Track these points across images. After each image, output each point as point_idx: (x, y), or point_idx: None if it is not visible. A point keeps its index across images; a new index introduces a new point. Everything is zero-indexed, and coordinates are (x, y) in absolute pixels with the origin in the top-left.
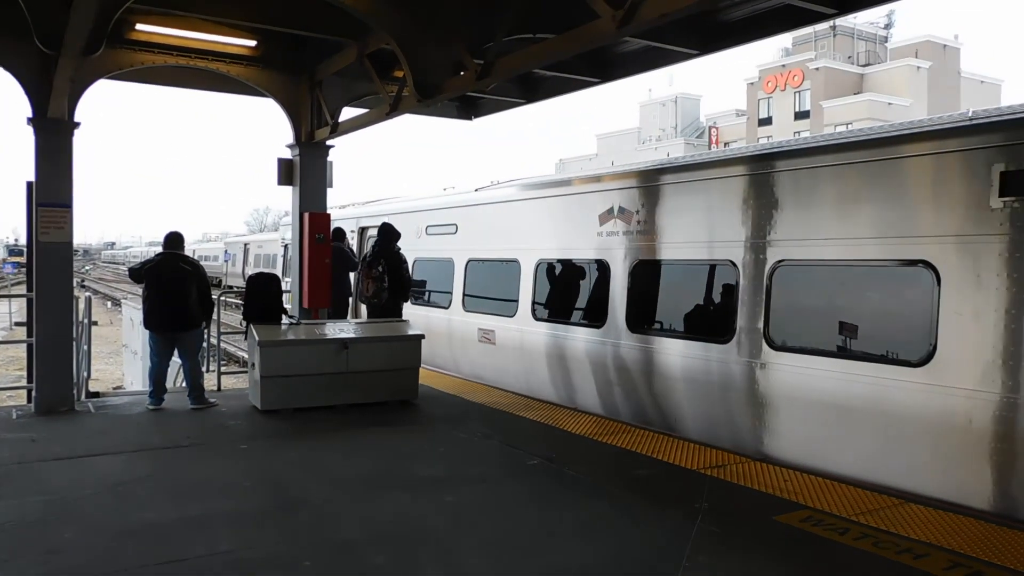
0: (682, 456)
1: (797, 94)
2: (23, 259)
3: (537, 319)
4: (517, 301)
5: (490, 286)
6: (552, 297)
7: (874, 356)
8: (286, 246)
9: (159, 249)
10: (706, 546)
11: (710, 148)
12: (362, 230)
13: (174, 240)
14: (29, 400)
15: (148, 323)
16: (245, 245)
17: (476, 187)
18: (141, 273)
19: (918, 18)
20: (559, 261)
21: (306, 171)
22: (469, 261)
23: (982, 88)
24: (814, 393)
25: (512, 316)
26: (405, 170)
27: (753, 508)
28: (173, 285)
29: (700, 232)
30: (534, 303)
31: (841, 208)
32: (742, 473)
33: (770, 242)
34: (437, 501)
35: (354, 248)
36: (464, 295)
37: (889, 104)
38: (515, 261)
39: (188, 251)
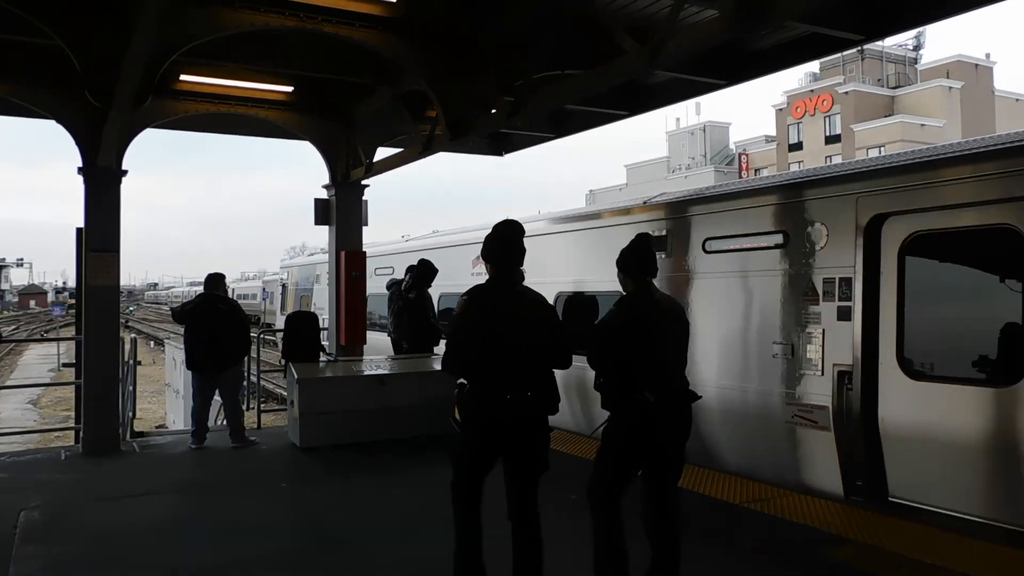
0: (722, 490)
1: (827, 118)
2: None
3: None
4: None
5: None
6: None
7: None
8: (284, 285)
9: (200, 289)
10: None
11: (740, 175)
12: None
13: (214, 281)
14: (77, 440)
15: (190, 363)
16: (283, 283)
17: (406, 238)
18: (183, 314)
19: (948, 38)
20: (455, 295)
21: (342, 211)
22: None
23: (1018, 106)
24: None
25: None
26: (440, 204)
27: (801, 543)
28: (213, 326)
29: (534, 274)
30: None
31: (599, 257)
32: (785, 507)
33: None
34: (487, 535)
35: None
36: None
37: (922, 126)
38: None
39: (228, 289)
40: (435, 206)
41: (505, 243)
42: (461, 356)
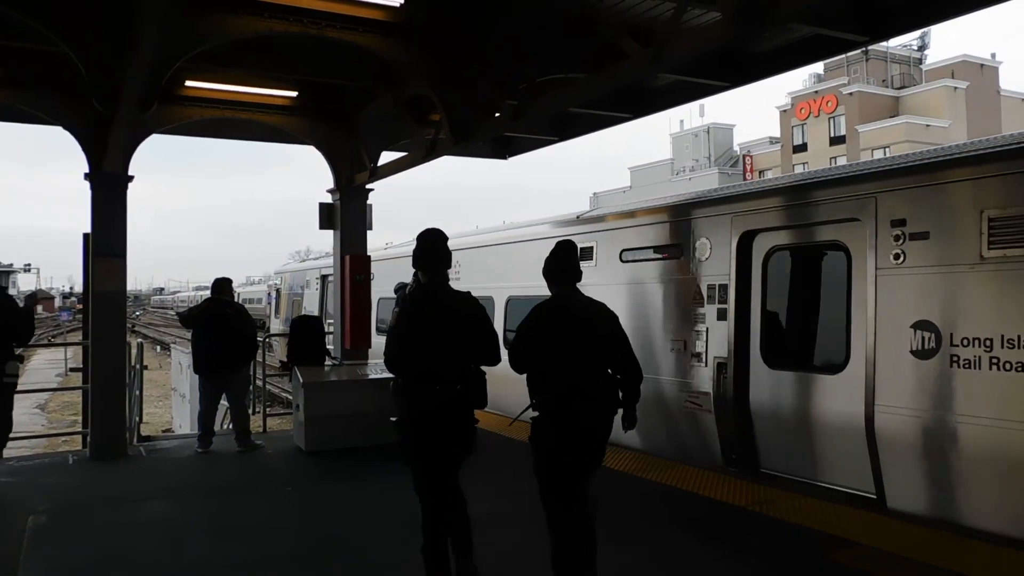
0: (727, 492)
1: (831, 120)
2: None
3: None
4: None
5: (388, 317)
6: None
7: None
8: (278, 290)
9: (206, 293)
10: None
11: (744, 177)
12: (323, 278)
13: (222, 286)
14: (84, 445)
15: (197, 367)
16: (277, 288)
17: (388, 245)
18: (190, 319)
19: (953, 38)
20: None
21: (346, 215)
22: (380, 299)
23: (1023, 106)
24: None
25: None
26: (445, 210)
27: (805, 546)
28: (220, 330)
29: (476, 278)
30: None
31: (527, 266)
32: (790, 509)
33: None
34: (479, 543)
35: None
36: (377, 323)
37: (927, 126)
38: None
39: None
40: (441, 212)
41: (430, 250)
42: (397, 357)
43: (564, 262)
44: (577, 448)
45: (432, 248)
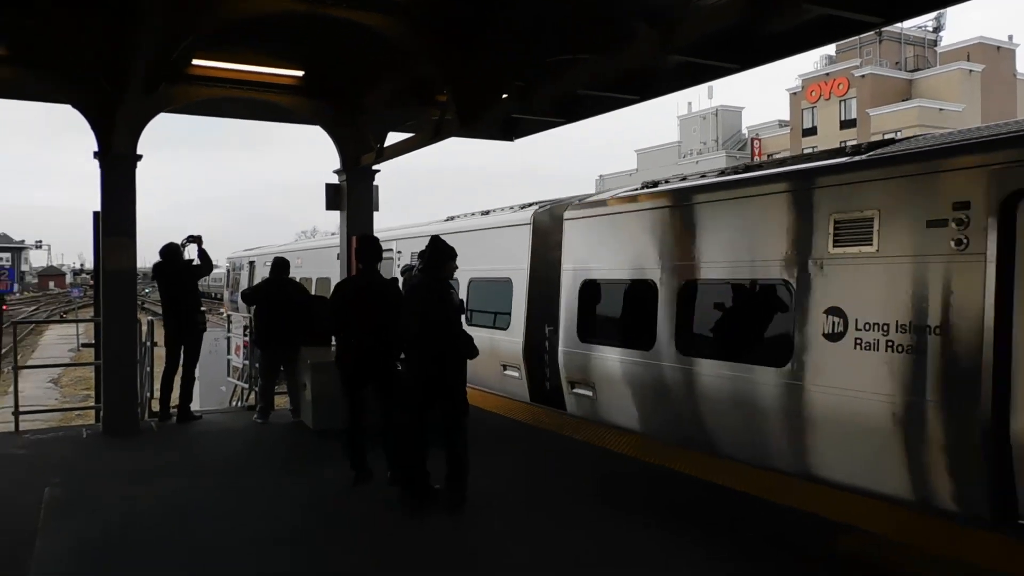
0: (726, 477)
1: (842, 103)
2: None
3: None
4: None
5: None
6: None
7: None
8: (228, 271)
9: (217, 271)
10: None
11: (752, 160)
12: (251, 263)
13: (281, 265)
14: (97, 419)
15: (259, 342)
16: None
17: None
18: (252, 296)
19: (970, 20)
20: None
21: (353, 196)
22: (318, 279)
23: None
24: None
25: None
26: (451, 187)
27: (807, 532)
28: (281, 306)
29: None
30: None
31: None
32: (791, 494)
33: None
34: (481, 526)
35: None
36: None
37: (940, 110)
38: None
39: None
40: (445, 193)
41: (363, 249)
42: (332, 320)
43: (368, 250)
44: (360, 376)
45: (366, 248)
